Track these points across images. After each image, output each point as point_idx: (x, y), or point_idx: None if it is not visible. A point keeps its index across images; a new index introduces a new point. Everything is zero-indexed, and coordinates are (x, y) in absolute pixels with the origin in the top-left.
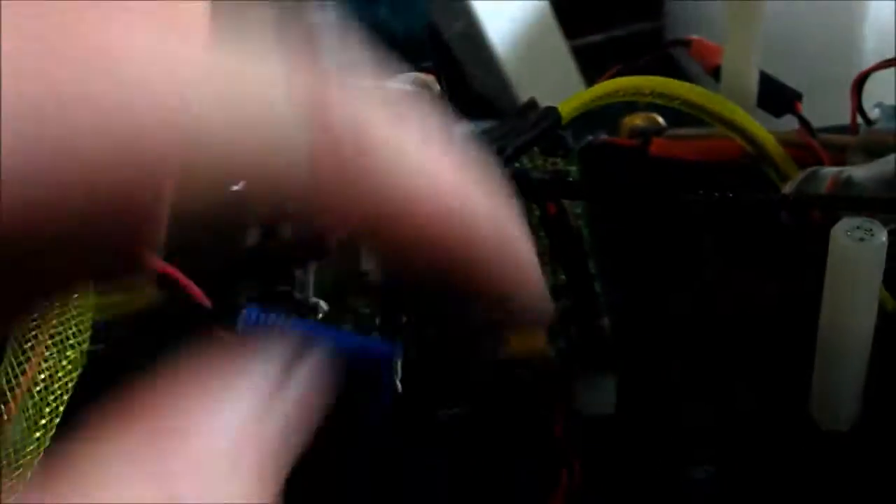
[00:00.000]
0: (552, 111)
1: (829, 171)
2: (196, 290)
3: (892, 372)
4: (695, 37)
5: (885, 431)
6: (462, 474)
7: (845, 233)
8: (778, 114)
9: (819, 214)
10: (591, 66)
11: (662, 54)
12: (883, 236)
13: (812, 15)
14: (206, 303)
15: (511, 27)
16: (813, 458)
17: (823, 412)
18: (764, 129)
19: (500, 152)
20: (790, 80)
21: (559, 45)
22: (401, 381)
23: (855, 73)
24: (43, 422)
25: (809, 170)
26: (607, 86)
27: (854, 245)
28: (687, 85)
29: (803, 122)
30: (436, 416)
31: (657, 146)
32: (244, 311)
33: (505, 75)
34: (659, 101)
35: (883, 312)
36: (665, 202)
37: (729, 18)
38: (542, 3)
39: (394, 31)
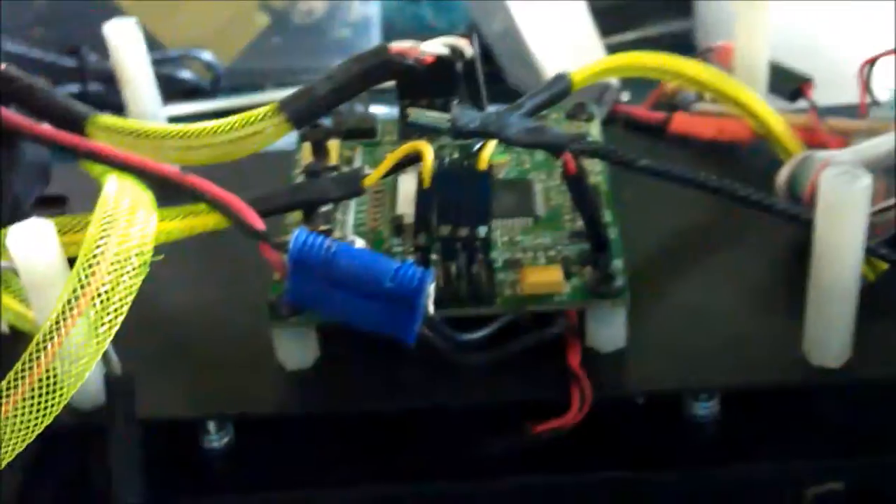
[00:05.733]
0: (563, 77)
1: (822, 154)
2: (251, 213)
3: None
4: (720, 43)
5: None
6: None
7: (834, 176)
8: (791, 99)
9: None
10: None
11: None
12: (867, 180)
13: None
14: (260, 225)
15: (548, 25)
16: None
17: (814, 349)
18: (769, 109)
19: (516, 108)
20: None
21: (595, 43)
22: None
23: None
24: (102, 328)
25: (804, 154)
26: (617, 59)
27: (842, 187)
28: (694, 63)
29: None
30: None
31: (677, 121)
32: (295, 231)
33: (540, 71)
34: (665, 79)
35: None
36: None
37: (737, 14)
38: (579, 2)
39: (436, 29)
